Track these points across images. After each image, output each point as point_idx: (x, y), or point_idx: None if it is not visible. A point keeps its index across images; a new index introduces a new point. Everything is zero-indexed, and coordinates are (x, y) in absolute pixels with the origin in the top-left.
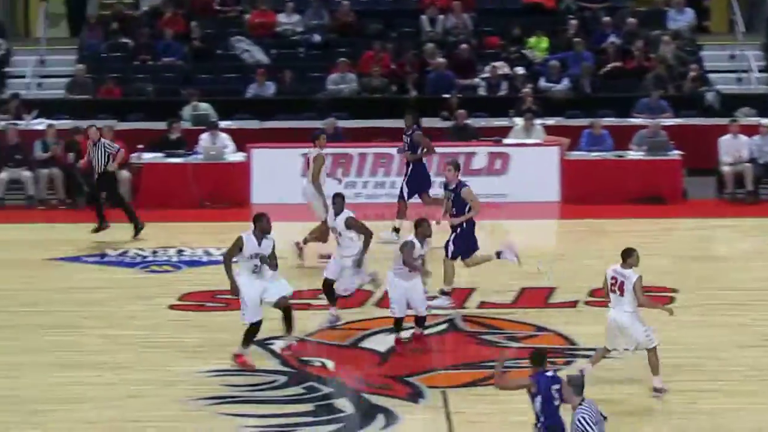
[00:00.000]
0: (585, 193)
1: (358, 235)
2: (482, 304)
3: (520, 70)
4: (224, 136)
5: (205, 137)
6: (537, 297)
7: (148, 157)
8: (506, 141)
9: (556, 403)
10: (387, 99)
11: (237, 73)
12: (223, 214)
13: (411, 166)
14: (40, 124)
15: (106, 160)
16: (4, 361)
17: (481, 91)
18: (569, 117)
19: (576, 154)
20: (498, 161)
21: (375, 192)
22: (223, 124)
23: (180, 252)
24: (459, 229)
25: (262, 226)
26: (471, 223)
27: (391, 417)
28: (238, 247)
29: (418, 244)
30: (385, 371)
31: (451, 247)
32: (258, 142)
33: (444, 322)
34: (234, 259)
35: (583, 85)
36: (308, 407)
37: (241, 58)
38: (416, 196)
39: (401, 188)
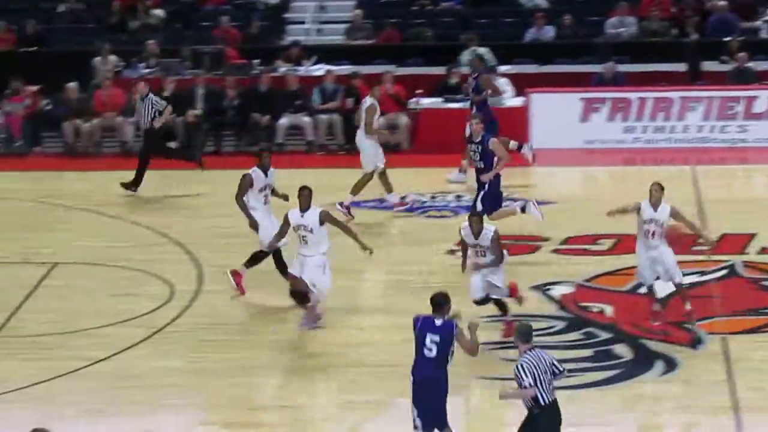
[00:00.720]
0: None
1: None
2: (763, 250)
3: None
4: (503, 81)
5: None
6: None
7: (427, 102)
8: None
9: (429, 354)
10: (667, 42)
11: (515, 18)
12: None
13: (475, 108)
14: (319, 70)
15: (153, 116)
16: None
17: (763, 34)
18: None
19: None
20: None
21: (654, 137)
22: (501, 68)
23: (458, 197)
24: (487, 186)
25: (263, 162)
26: (498, 179)
27: (670, 363)
28: (248, 184)
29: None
30: (664, 317)
31: (479, 206)
32: (537, 86)
33: (724, 268)
34: None
35: None
36: (587, 353)
37: (519, 2)
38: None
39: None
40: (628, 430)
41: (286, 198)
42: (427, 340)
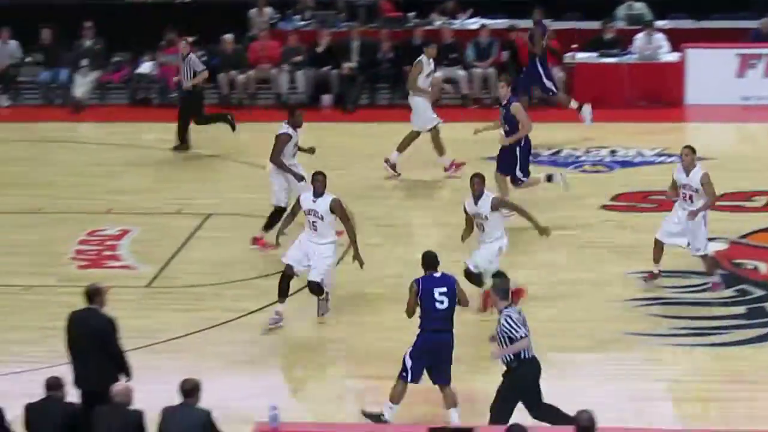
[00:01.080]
0: None
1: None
2: None
3: None
4: (659, 36)
5: (640, 37)
6: None
7: (582, 56)
8: None
9: (441, 306)
10: None
11: None
12: (656, 114)
13: (536, 60)
14: (474, 23)
15: (191, 75)
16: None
17: None
18: None
19: None
20: None
21: None
22: (658, 23)
23: (613, 152)
24: (519, 153)
25: (296, 119)
26: (528, 144)
27: None
28: (285, 142)
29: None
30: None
31: (519, 175)
32: (693, 42)
33: None
34: None
35: None
36: (740, 310)
37: None
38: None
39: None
40: None
41: (312, 151)
42: (436, 294)
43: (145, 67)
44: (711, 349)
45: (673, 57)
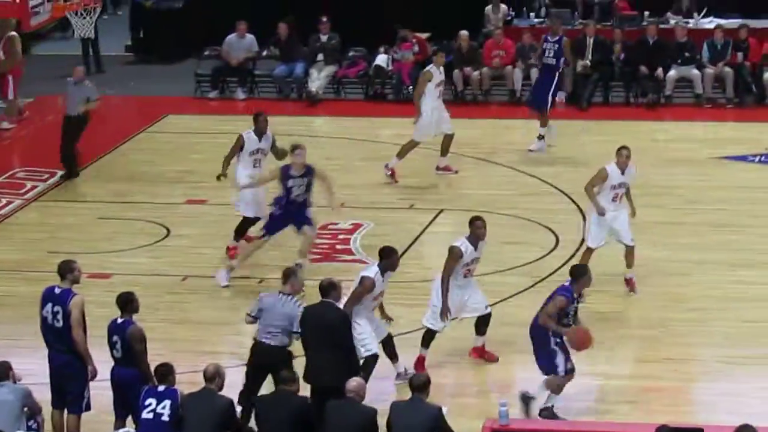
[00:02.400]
0: None
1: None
2: None
3: None
4: None
5: None
6: None
7: None
8: None
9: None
10: None
11: None
12: None
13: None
14: (709, 22)
15: (82, 101)
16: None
17: None
18: None
19: None
20: None
21: None
22: None
23: None
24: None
25: (258, 126)
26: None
27: None
28: (239, 146)
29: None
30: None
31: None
32: None
33: None
34: None
35: None
36: None
37: None
38: None
39: None
40: None
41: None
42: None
43: (381, 60)
44: None
45: None
